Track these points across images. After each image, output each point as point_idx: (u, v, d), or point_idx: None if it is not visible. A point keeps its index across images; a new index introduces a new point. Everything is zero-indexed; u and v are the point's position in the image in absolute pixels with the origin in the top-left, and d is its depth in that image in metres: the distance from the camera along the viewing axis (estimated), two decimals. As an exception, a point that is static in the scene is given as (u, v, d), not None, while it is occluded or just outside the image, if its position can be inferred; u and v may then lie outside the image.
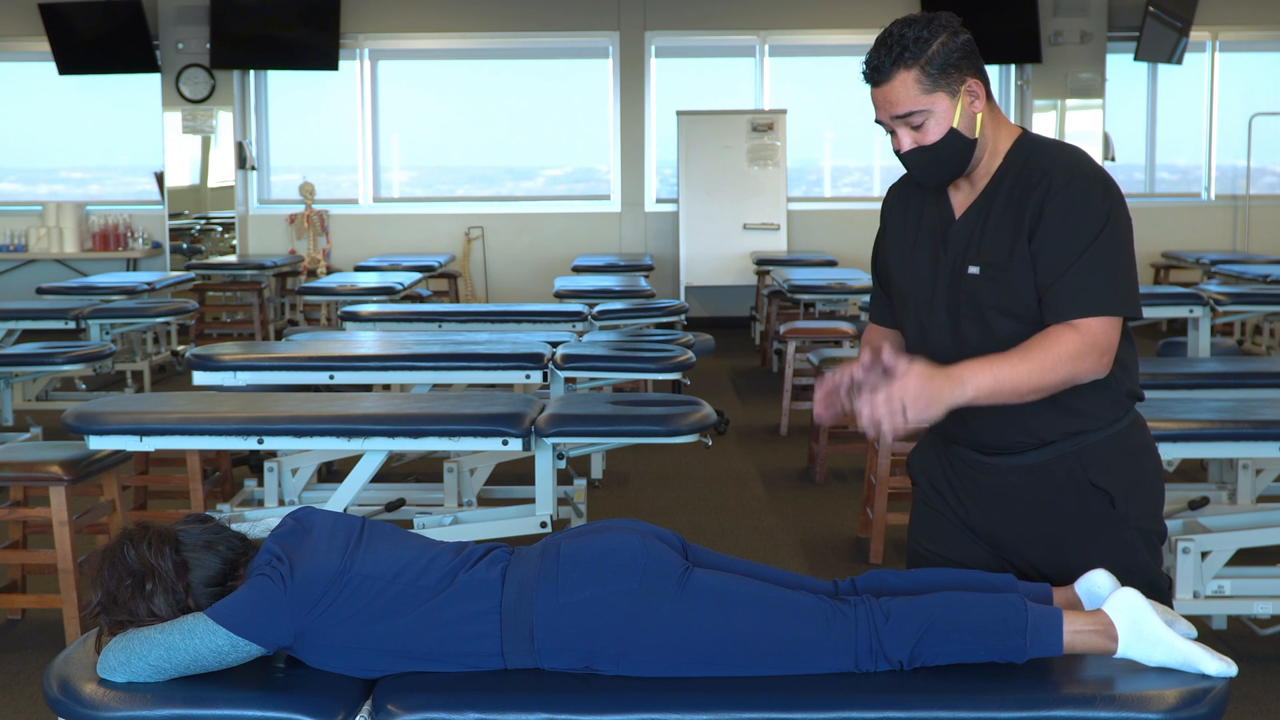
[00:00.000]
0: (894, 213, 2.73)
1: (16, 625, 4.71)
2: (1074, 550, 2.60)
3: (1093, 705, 2.28)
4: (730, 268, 12.30)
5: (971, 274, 2.54)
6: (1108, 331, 2.46)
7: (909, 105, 2.48)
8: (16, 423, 7.22)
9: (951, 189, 2.63)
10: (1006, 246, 2.51)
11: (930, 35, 2.46)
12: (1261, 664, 4.19)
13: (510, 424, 4.13)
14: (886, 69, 2.47)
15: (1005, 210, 2.53)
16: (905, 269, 2.67)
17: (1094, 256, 2.45)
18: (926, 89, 2.47)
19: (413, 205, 13.18)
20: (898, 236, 2.70)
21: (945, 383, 2.39)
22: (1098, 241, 2.46)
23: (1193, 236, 12.90)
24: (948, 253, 2.59)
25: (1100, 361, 2.46)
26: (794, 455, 7.26)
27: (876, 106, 2.53)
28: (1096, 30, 12.52)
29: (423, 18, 12.75)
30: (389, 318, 6.93)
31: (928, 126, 2.50)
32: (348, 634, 2.43)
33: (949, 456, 2.69)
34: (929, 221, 2.64)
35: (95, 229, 12.43)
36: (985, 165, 2.57)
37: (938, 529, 2.73)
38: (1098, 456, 2.57)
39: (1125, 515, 2.59)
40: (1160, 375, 5.00)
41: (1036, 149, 2.56)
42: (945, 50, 2.47)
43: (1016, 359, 2.43)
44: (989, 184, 2.57)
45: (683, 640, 2.39)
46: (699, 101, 12.65)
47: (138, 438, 4.12)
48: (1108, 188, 2.50)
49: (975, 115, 2.52)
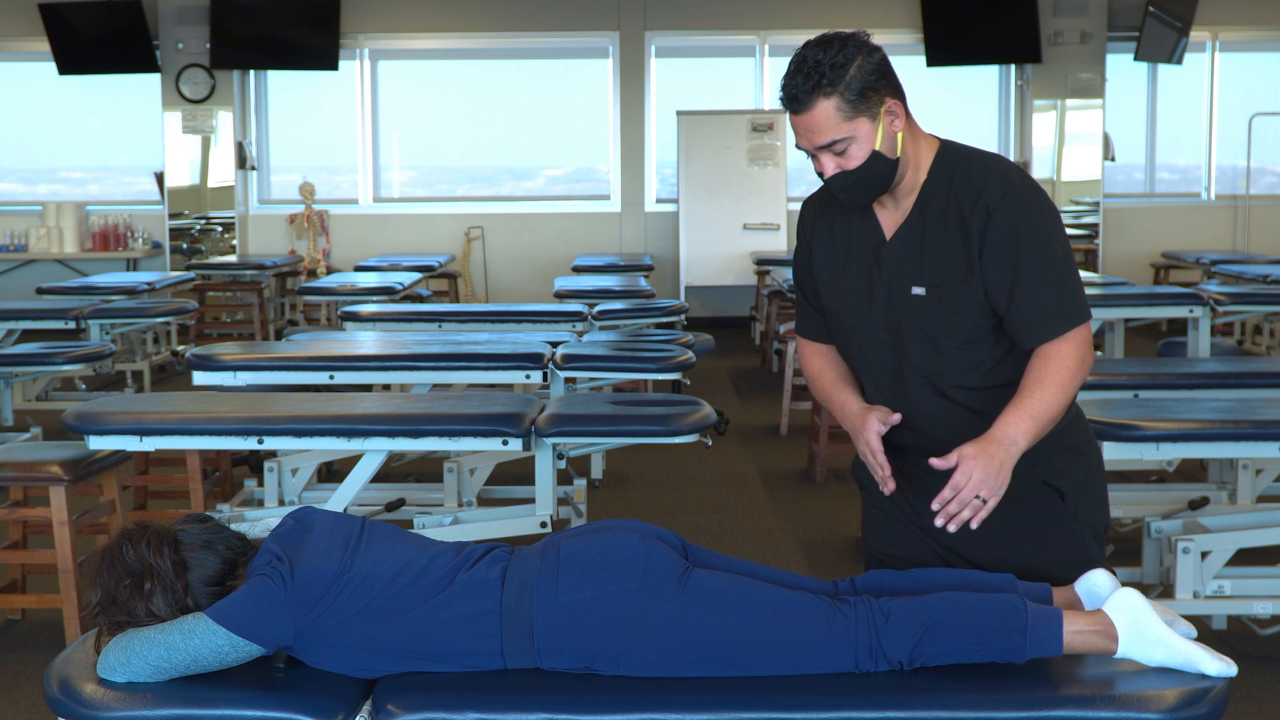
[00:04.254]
0: (817, 231, 2.71)
1: (16, 625, 4.71)
2: (1026, 548, 2.62)
3: (1093, 705, 2.28)
4: (730, 268, 12.30)
5: (916, 295, 2.55)
6: (1089, 337, 2.54)
7: (831, 134, 2.48)
8: (16, 423, 7.22)
9: (876, 206, 2.62)
10: (956, 268, 2.52)
11: (846, 60, 2.45)
12: (1261, 664, 4.19)
13: (510, 424, 4.13)
14: (805, 98, 2.46)
15: (943, 229, 2.53)
16: (837, 290, 2.65)
17: (1055, 272, 2.50)
18: (847, 115, 2.46)
19: (413, 205, 13.18)
20: (825, 256, 2.68)
21: (999, 451, 2.44)
22: (1053, 256, 2.50)
23: (1193, 236, 12.90)
24: (883, 273, 2.59)
25: (1091, 361, 2.54)
26: (794, 455, 7.26)
27: (797, 134, 2.52)
28: (1096, 30, 12.52)
29: (423, 18, 12.75)
30: (389, 318, 6.93)
31: (850, 152, 2.49)
32: (348, 634, 2.43)
33: (898, 464, 2.68)
34: (858, 241, 2.63)
35: (95, 229, 12.43)
36: (909, 181, 2.57)
37: (891, 530, 2.74)
38: (1046, 455, 2.59)
39: (1074, 510, 2.63)
40: (1160, 375, 4.99)
41: (962, 161, 2.56)
42: (862, 73, 2.46)
43: (1042, 391, 2.48)
44: (917, 201, 2.57)
45: (683, 640, 2.39)
46: (699, 101, 12.65)
47: (138, 438, 4.12)
48: (1039, 196, 2.53)
49: (896, 135, 2.52)
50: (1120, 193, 13.16)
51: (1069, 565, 2.62)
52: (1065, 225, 2.60)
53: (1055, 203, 2.59)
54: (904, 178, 2.56)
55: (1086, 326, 2.53)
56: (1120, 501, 5.16)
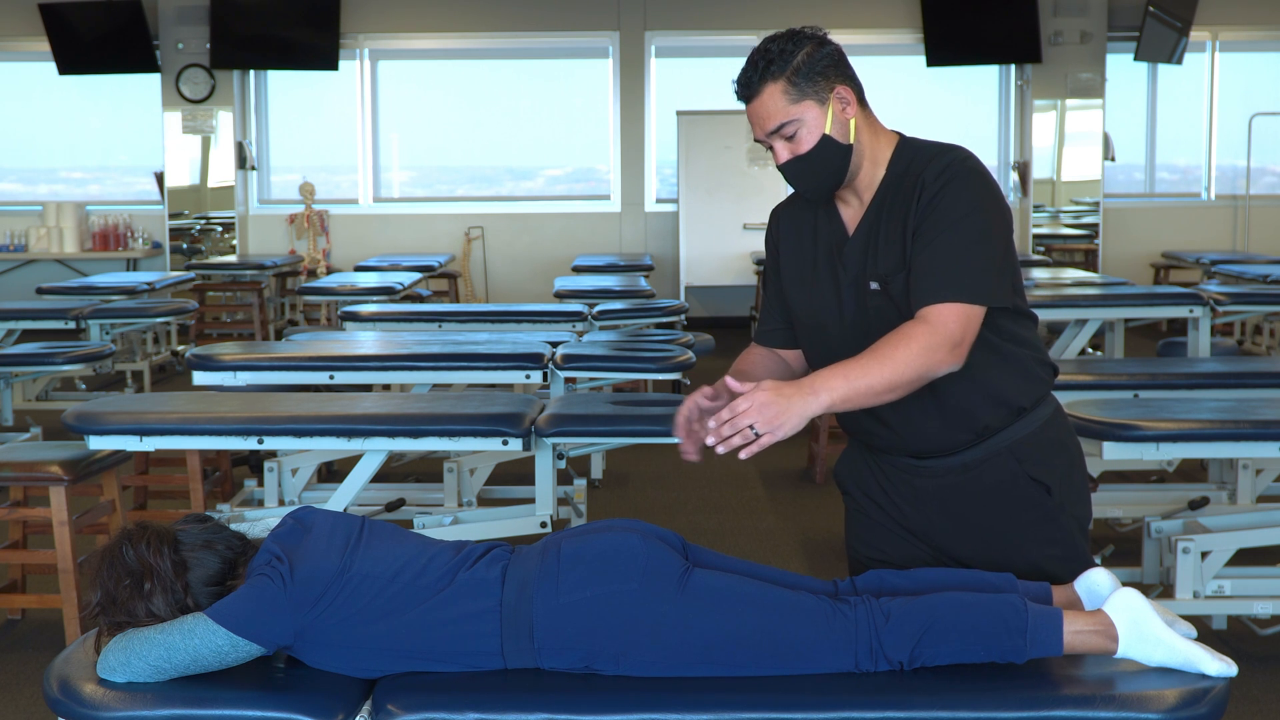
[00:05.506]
0: (784, 235, 2.71)
1: (16, 625, 4.71)
2: (1013, 544, 2.62)
3: (1093, 705, 2.28)
4: (730, 268, 12.30)
5: (874, 290, 2.54)
6: (961, 321, 2.42)
7: (779, 117, 2.50)
8: (16, 423, 7.23)
9: (841, 204, 2.62)
10: (895, 256, 2.51)
11: (795, 47, 2.49)
12: (1261, 664, 4.19)
13: (510, 424, 4.13)
14: (755, 84, 2.51)
15: (890, 221, 2.53)
16: (805, 291, 2.65)
17: (949, 244, 2.43)
18: (794, 99, 2.49)
19: (413, 205, 13.18)
20: (792, 258, 2.68)
21: (796, 394, 2.36)
22: (957, 229, 2.44)
23: (1193, 236, 12.90)
24: (846, 270, 2.58)
25: (953, 354, 2.42)
26: (794, 455, 7.26)
27: (752, 124, 2.55)
28: (1096, 30, 12.51)
29: (423, 18, 12.75)
30: (389, 318, 6.93)
31: (800, 136, 2.51)
32: (348, 633, 2.43)
33: (879, 465, 2.68)
34: (824, 240, 2.63)
35: (95, 229, 12.43)
36: (868, 176, 2.57)
37: (875, 534, 2.74)
38: (1031, 450, 2.58)
39: (1061, 504, 2.62)
40: (1160, 375, 4.99)
41: (918, 154, 2.55)
42: (810, 60, 2.49)
43: (868, 359, 2.40)
44: (875, 196, 2.57)
45: (683, 640, 2.39)
46: (699, 101, 12.64)
47: (138, 438, 4.12)
48: (980, 180, 2.48)
49: (848, 122, 2.52)
50: (1120, 193, 13.16)
51: (1059, 561, 2.62)
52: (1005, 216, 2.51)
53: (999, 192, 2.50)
54: (860, 171, 2.55)
55: (960, 311, 2.41)
56: (1120, 501, 5.16)
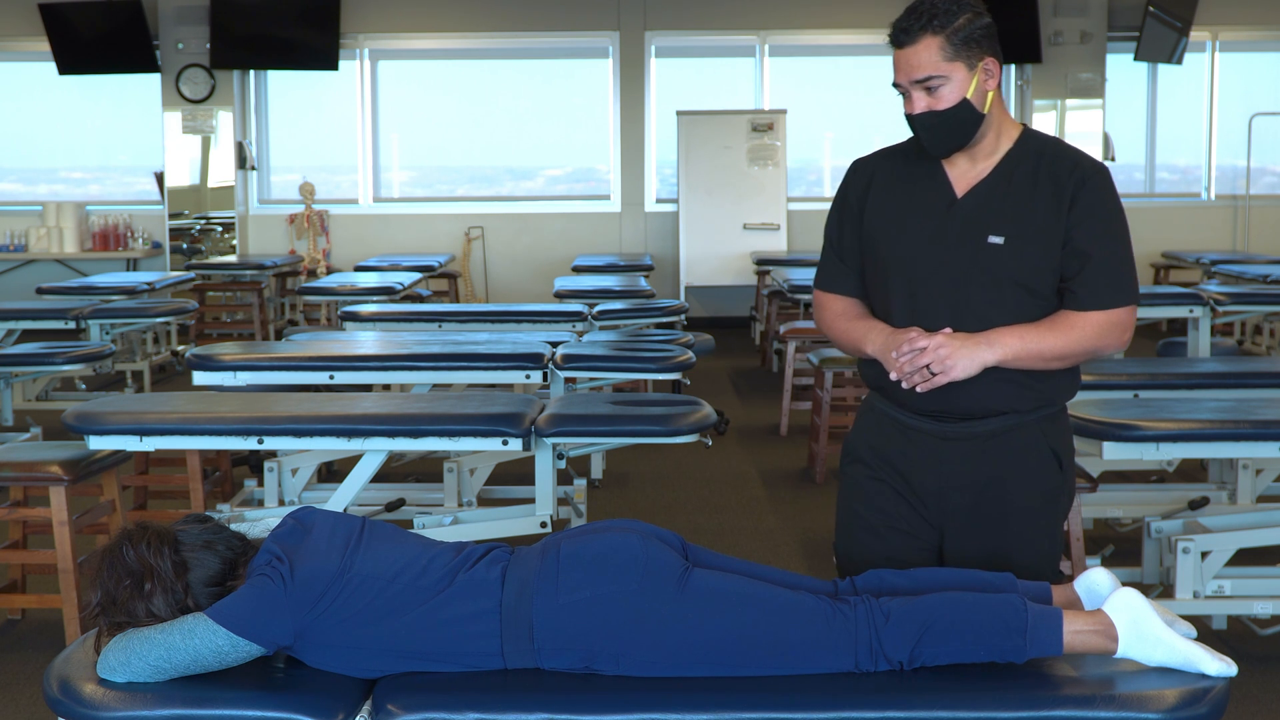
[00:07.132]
0: (875, 182, 2.76)
1: (16, 625, 4.71)
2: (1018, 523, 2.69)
3: (1093, 705, 2.28)
4: (730, 268, 12.30)
5: (993, 244, 2.62)
6: (1132, 318, 2.67)
7: (929, 69, 2.60)
8: (16, 423, 7.22)
9: (949, 166, 2.70)
10: (1040, 216, 2.62)
11: (958, 9, 2.60)
12: (1261, 664, 4.19)
13: (510, 424, 4.13)
14: (914, 32, 2.61)
15: (1031, 186, 2.63)
16: (896, 239, 2.70)
17: (1120, 252, 2.65)
18: (948, 56, 2.59)
19: (413, 205, 13.18)
20: (882, 207, 2.73)
21: (976, 344, 2.57)
22: (1120, 237, 2.66)
23: (1193, 236, 12.89)
24: (956, 223, 2.65)
25: (1123, 338, 2.66)
26: (794, 455, 7.26)
27: (897, 69, 2.65)
28: (1096, 30, 12.52)
29: (423, 18, 12.75)
30: (389, 318, 6.93)
31: (942, 92, 2.61)
32: (348, 634, 2.43)
33: (906, 432, 2.73)
34: (924, 195, 2.70)
35: (95, 229, 12.43)
36: (990, 145, 2.67)
37: (881, 497, 2.77)
38: (1054, 424, 2.72)
39: (1067, 477, 2.75)
40: (1160, 375, 4.99)
41: (1050, 142, 2.71)
42: (970, 25, 2.60)
43: (1045, 328, 2.61)
44: (1001, 163, 2.66)
45: (683, 640, 2.39)
46: (699, 101, 12.64)
47: (138, 438, 4.12)
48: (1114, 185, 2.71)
49: (988, 93, 2.63)
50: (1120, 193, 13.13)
51: (1049, 557, 2.72)
52: None
53: None
54: (984, 139, 2.66)
55: (1127, 310, 2.64)
56: (1120, 501, 5.16)
